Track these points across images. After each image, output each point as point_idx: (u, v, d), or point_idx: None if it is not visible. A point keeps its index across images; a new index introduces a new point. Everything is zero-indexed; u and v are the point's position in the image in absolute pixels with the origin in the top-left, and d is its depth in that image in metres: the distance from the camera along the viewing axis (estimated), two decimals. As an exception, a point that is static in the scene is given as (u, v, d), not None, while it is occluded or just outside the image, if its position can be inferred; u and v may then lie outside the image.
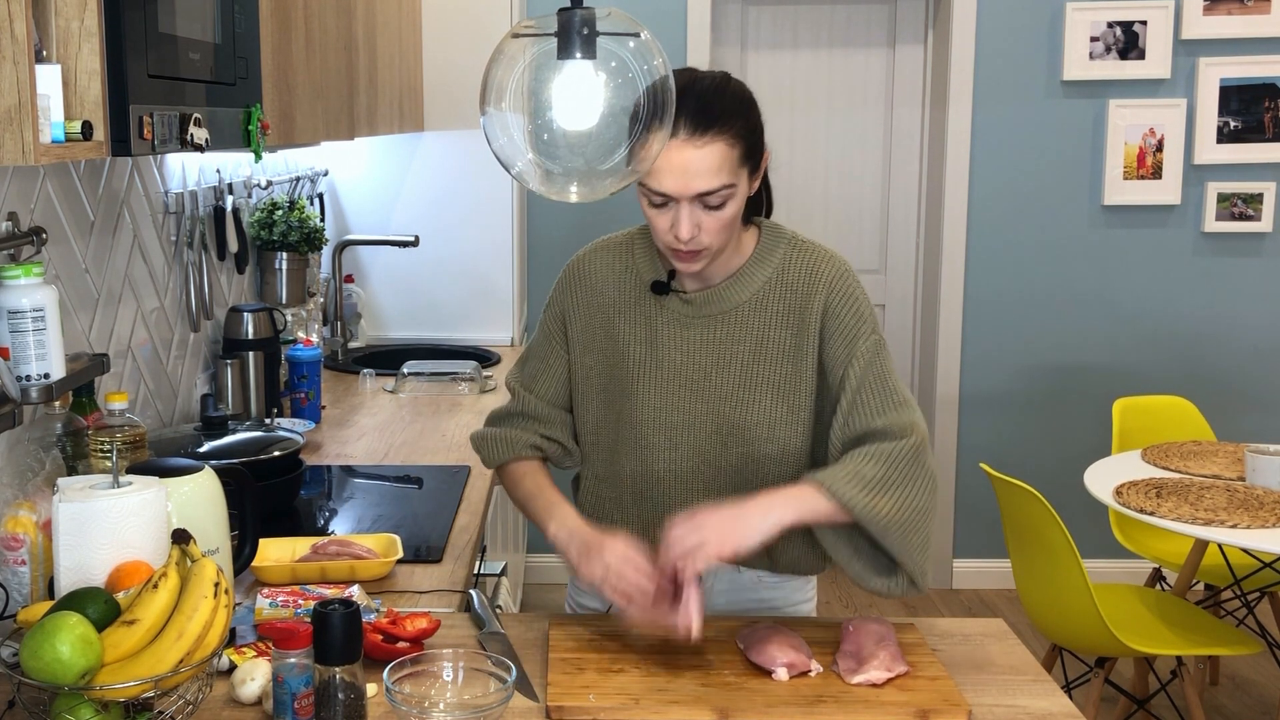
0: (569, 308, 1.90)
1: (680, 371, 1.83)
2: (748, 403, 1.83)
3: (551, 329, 1.92)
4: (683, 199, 1.69)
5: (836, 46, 4.67)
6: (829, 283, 1.82)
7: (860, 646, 1.68)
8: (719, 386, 1.83)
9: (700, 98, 1.69)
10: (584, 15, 1.63)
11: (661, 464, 1.86)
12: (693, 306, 1.84)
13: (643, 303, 1.86)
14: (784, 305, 1.83)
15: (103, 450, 1.86)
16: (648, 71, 1.66)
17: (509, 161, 1.71)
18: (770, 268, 1.84)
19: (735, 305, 1.83)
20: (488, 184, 3.95)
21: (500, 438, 1.93)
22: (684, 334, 1.84)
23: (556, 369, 1.92)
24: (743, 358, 1.83)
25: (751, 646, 1.69)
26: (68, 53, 1.52)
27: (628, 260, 1.88)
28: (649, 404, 1.84)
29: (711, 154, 1.68)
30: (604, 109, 1.66)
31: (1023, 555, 3.19)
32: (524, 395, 1.93)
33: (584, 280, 1.89)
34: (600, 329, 1.87)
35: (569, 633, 1.76)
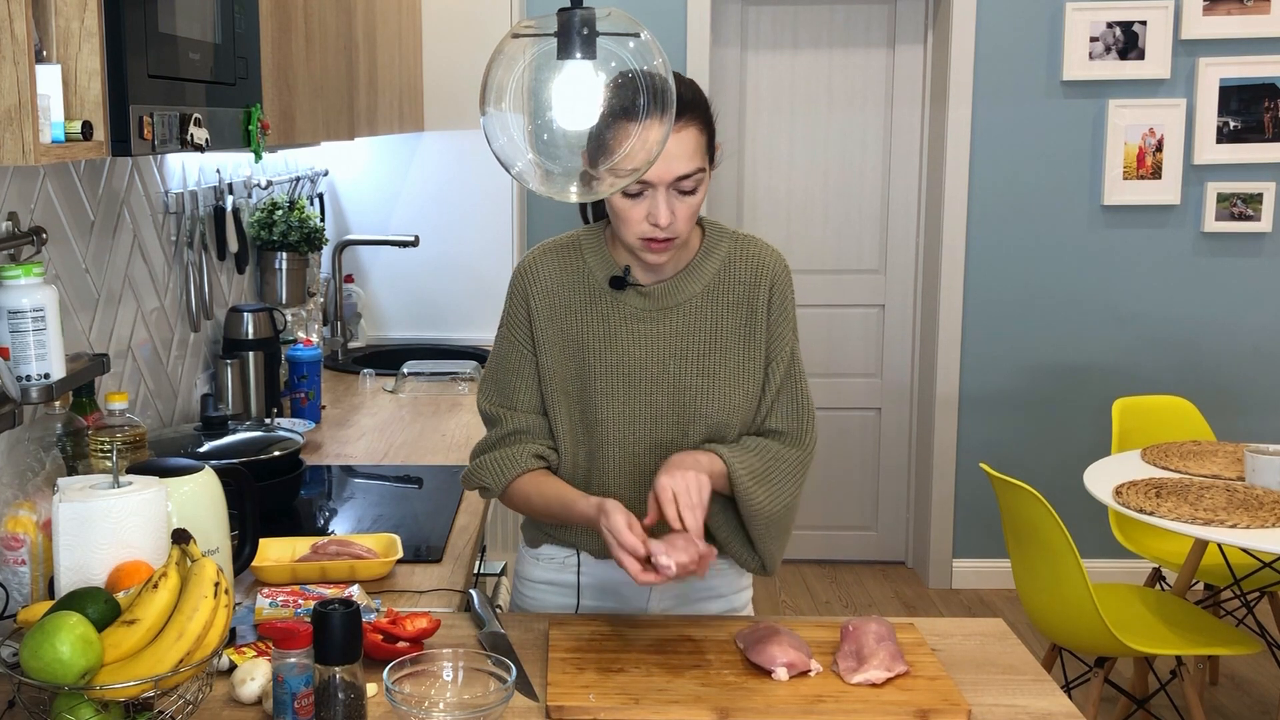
0: (531, 308, 1.90)
1: (640, 365, 1.87)
2: (706, 390, 1.87)
3: (516, 337, 1.91)
4: (661, 185, 1.74)
5: (836, 46, 4.67)
6: (773, 275, 1.91)
7: (860, 646, 1.68)
8: (677, 377, 1.87)
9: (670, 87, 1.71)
10: (584, 15, 1.63)
11: (626, 460, 1.89)
12: (650, 299, 1.87)
13: (598, 302, 1.88)
14: (734, 295, 1.89)
15: (103, 450, 1.86)
16: (648, 72, 1.66)
17: (509, 161, 1.71)
18: (717, 259, 1.90)
19: (689, 297, 1.88)
20: (488, 184, 3.95)
21: (499, 460, 1.90)
22: (641, 328, 1.87)
23: (530, 377, 1.91)
24: (699, 348, 1.87)
25: (751, 646, 1.69)
26: (68, 53, 1.52)
27: (577, 261, 1.90)
28: (611, 401, 1.87)
29: (687, 138, 1.75)
30: (604, 109, 1.66)
31: (1023, 555, 3.19)
32: (508, 415, 1.91)
33: (537, 283, 1.90)
34: (559, 329, 1.89)
35: (569, 632, 1.76)
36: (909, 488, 4.93)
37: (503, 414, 1.91)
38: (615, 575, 1.92)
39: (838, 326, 4.80)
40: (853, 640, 1.70)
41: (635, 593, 1.96)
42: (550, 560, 2.00)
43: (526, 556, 2.04)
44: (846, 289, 4.78)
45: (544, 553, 2.00)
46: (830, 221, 4.73)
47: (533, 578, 2.02)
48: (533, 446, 1.90)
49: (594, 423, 1.88)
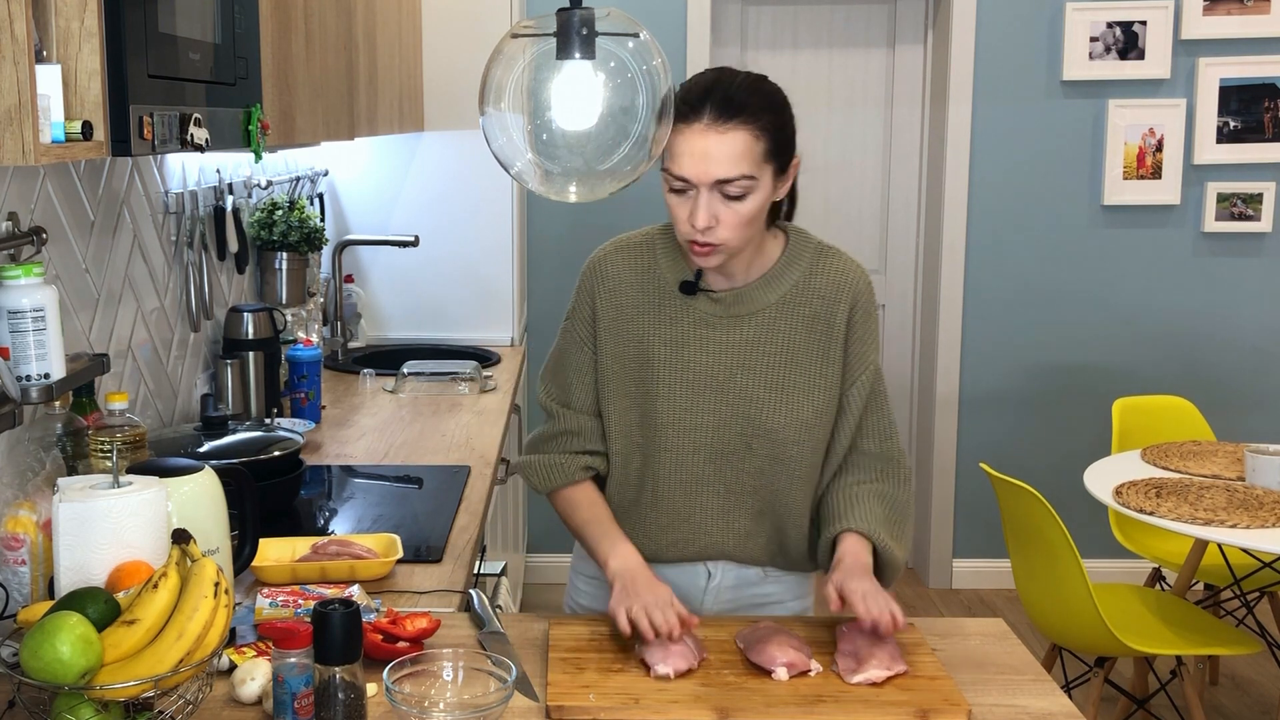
0: (597, 307, 1.88)
1: (706, 372, 1.83)
2: (775, 405, 1.83)
3: (579, 333, 1.90)
4: (702, 185, 1.70)
5: (836, 46, 4.67)
6: (855, 292, 1.86)
7: (859, 646, 1.68)
8: (745, 389, 1.83)
9: (728, 89, 1.72)
10: (583, 15, 1.63)
11: (684, 467, 1.86)
12: (721, 306, 1.83)
13: (667, 303, 1.85)
14: (811, 309, 1.84)
15: (103, 450, 1.86)
16: (647, 72, 1.66)
17: (509, 161, 1.72)
18: (798, 271, 1.85)
19: (763, 306, 1.83)
20: (488, 184, 3.95)
21: (549, 465, 1.91)
22: (710, 334, 1.83)
23: (589, 377, 1.90)
24: (770, 360, 1.83)
25: (751, 646, 1.69)
26: (68, 53, 1.52)
27: (649, 260, 1.87)
28: (673, 406, 1.84)
29: (734, 141, 1.69)
30: (603, 109, 1.67)
31: (1023, 555, 3.19)
32: (563, 413, 1.91)
33: (606, 280, 1.88)
34: (623, 329, 1.86)
35: (569, 632, 1.76)
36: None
37: (558, 411, 1.91)
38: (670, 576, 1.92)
39: (838, 326, 4.80)
40: (852, 640, 1.70)
41: (689, 592, 1.94)
42: None
43: (581, 553, 2.03)
44: (846, 289, 4.78)
45: None
46: (830, 221, 4.72)
47: (585, 573, 2.03)
48: (582, 458, 1.90)
49: (654, 427, 1.85)
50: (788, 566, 1.96)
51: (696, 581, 1.95)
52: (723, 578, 1.95)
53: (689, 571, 1.94)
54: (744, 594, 1.96)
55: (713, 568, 1.95)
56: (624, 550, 1.80)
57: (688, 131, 1.70)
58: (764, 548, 1.92)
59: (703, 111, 1.69)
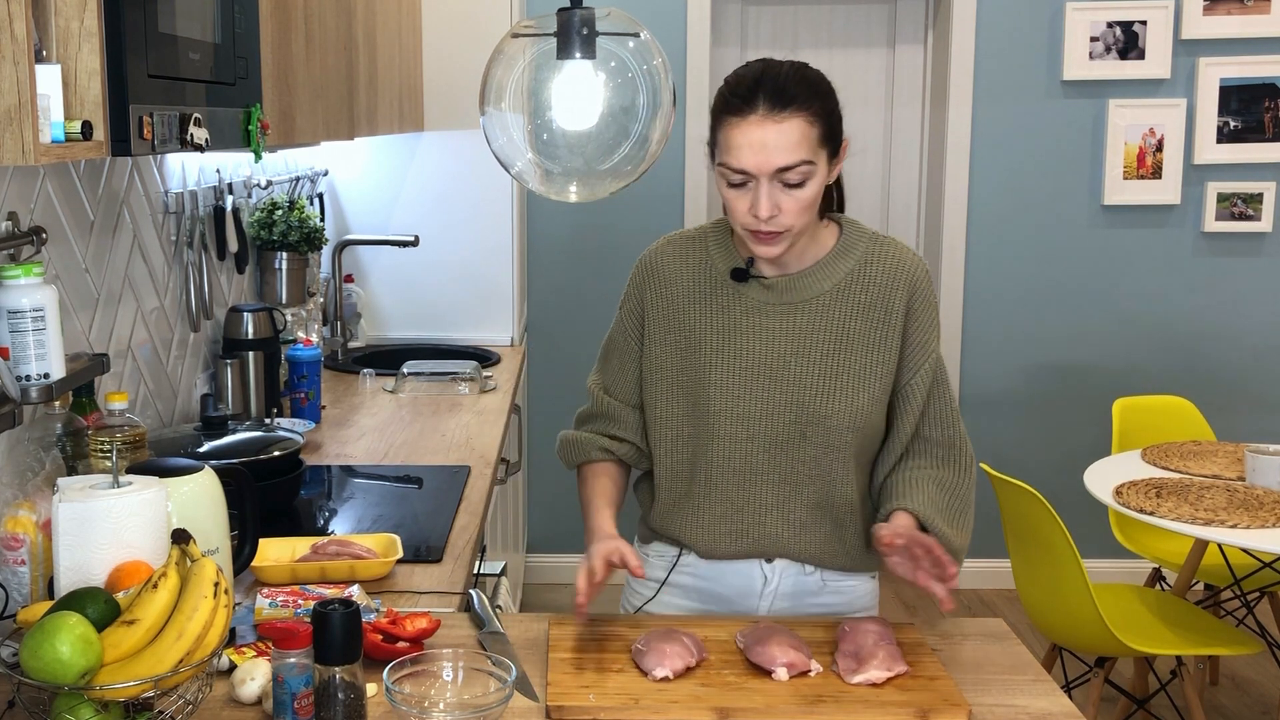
0: (646, 300, 1.91)
1: (759, 360, 1.84)
2: (830, 392, 1.84)
3: (627, 325, 1.95)
4: (762, 176, 1.71)
5: (836, 46, 4.67)
6: (912, 280, 1.87)
7: (859, 646, 1.68)
8: (799, 376, 1.84)
9: (777, 79, 1.73)
10: (583, 15, 1.63)
11: (737, 456, 1.87)
12: (773, 293, 1.85)
13: (719, 293, 1.87)
14: (867, 297, 1.85)
15: (103, 450, 1.86)
16: (647, 72, 1.66)
17: (509, 161, 1.72)
18: (853, 260, 1.86)
19: (816, 294, 1.85)
20: (488, 184, 3.95)
21: (574, 442, 1.99)
22: (763, 322, 1.85)
23: (631, 367, 1.95)
24: (824, 347, 1.84)
25: (751, 646, 1.69)
26: (68, 53, 1.52)
27: (701, 253, 1.89)
28: (726, 394, 1.85)
29: (790, 130, 1.70)
30: (603, 109, 1.67)
31: (1023, 555, 3.19)
32: (601, 398, 1.98)
33: (657, 273, 1.90)
34: (674, 320, 1.88)
35: (569, 632, 1.76)
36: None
37: (598, 395, 1.99)
38: (723, 576, 1.94)
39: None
40: (852, 640, 1.70)
41: (744, 595, 1.94)
42: (659, 558, 2.00)
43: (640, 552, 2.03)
44: (846, 289, 4.78)
45: (653, 549, 2.01)
46: (830, 221, 4.72)
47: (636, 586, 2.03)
48: (603, 439, 1.96)
49: (706, 415, 1.86)
50: (847, 565, 1.94)
51: (753, 585, 1.94)
52: (780, 581, 1.93)
53: (745, 572, 1.93)
54: (802, 602, 1.94)
55: (769, 570, 1.93)
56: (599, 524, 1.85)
57: (743, 124, 1.71)
58: (822, 542, 1.91)
59: (756, 103, 1.71)
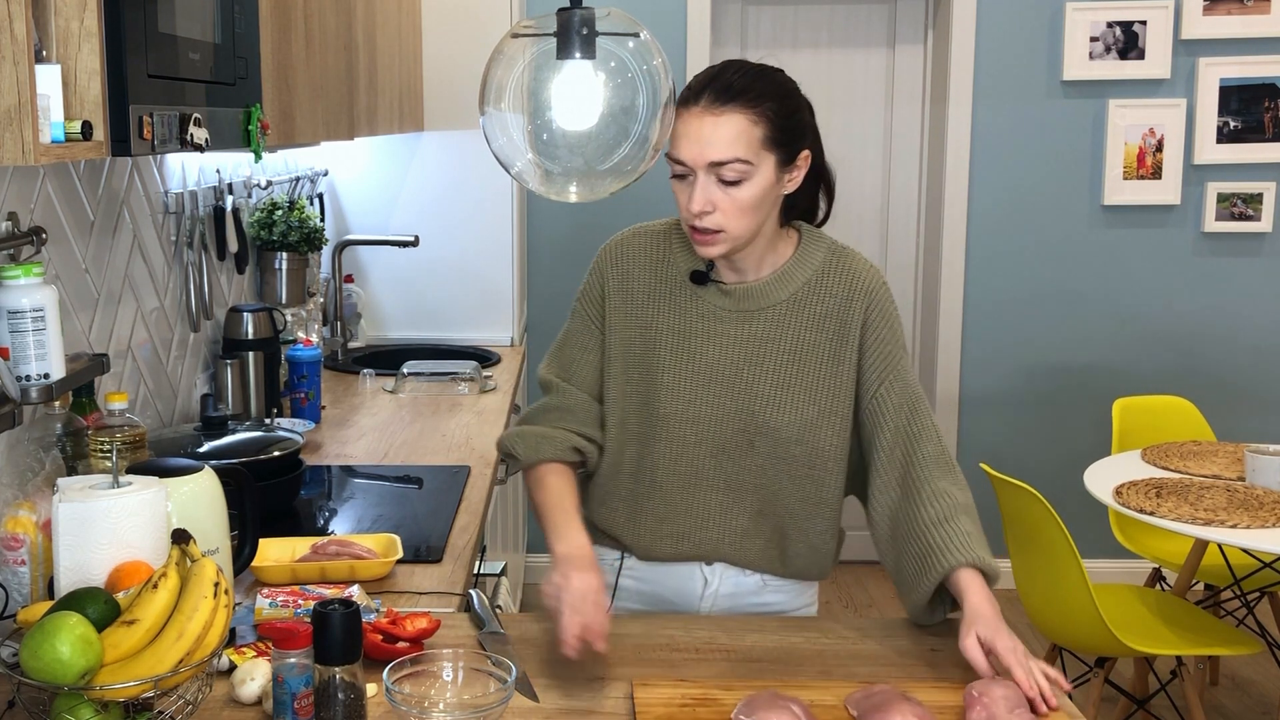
0: (607, 289, 1.87)
1: (712, 365, 1.82)
2: (780, 403, 1.82)
3: (589, 312, 1.89)
4: (698, 168, 1.70)
5: (836, 46, 4.67)
6: (868, 292, 1.84)
7: (992, 715, 1.51)
8: (750, 384, 1.82)
9: (728, 75, 1.73)
10: (583, 15, 1.63)
11: (683, 459, 1.85)
12: (731, 299, 1.83)
13: (678, 293, 1.84)
14: (823, 308, 1.83)
15: (103, 450, 1.86)
16: (647, 72, 1.66)
17: (509, 161, 1.72)
18: (810, 269, 1.84)
19: (773, 303, 1.83)
20: (488, 184, 3.95)
21: (541, 435, 1.86)
22: (718, 328, 1.83)
23: (594, 355, 1.89)
24: (778, 357, 1.82)
25: (867, 715, 1.52)
26: (68, 53, 1.52)
27: (664, 249, 1.87)
28: (676, 397, 1.83)
29: (727, 124, 1.69)
30: (603, 109, 1.67)
31: (1023, 555, 3.19)
32: (562, 387, 1.89)
33: (620, 263, 1.88)
34: (632, 314, 1.86)
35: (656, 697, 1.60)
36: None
37: (558, 385, 1.89)
38: (663, 579, 1.92)
39: (838, 326, 4.80)
40: (982, 707, 1.52)
41: (685, 597, 1.93)
42: (599, 561, 1.93)
43: None
44: (846, 289, 4.77)
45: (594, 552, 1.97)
46: (830, 221, 4.71)
47: None
48: (574, 438, 1.86)
49: (655, 417, 1.84)
50: (786, 573, 1.93)
51: (693, 586, 1.94)
52: (720, 584, 1.93)
53: (685, 574, 1.93)
54: (741, 602, 1.94)
55: (709, 572, 1.93)
56: (574, 536, 1.75)
57: (685, 115, 1.71)
58: (761, 551, 1.90)
59: (701, 96, 1.71)
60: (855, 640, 1.80)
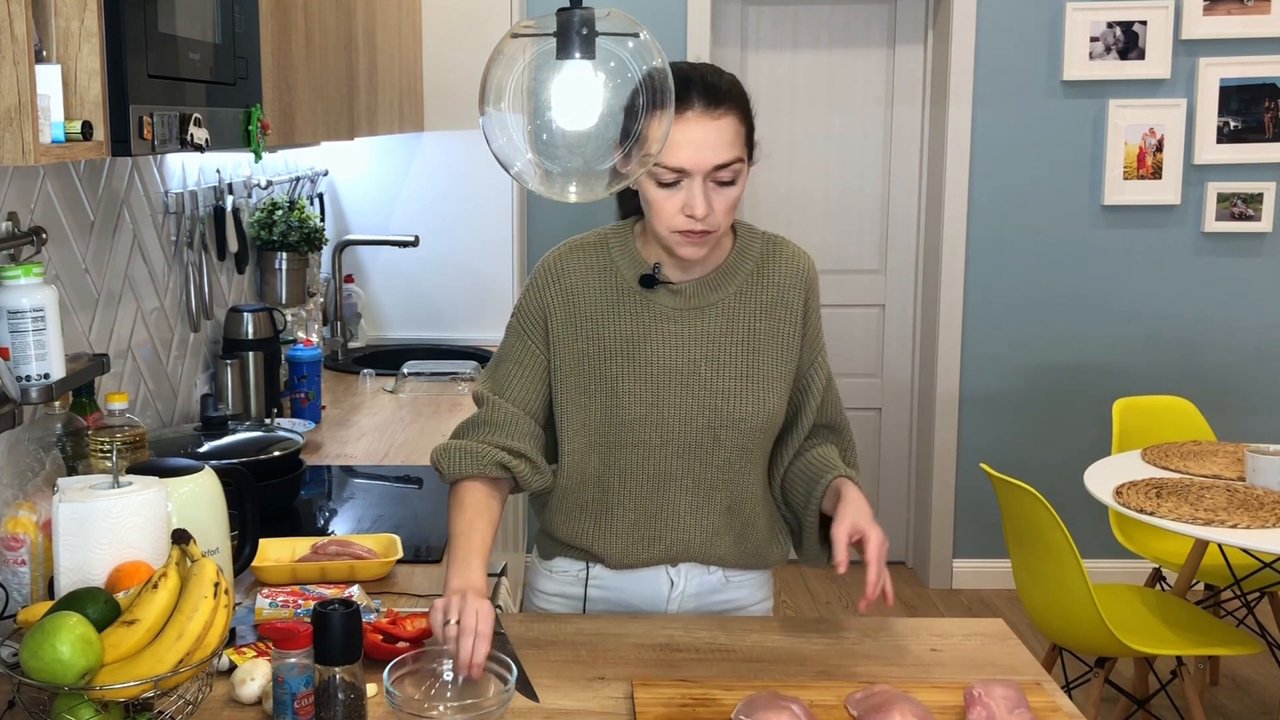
0: (549, 307, 1.85)
1: (669, 365, 1.83)
2: (741, 394, 1.84)
3: (527, 330, 1.86)
4: (698, 173, 1.72)
5: (836, 46, 4.67)
6: (806, 278, 1.90)
7: (992, 714, 1.51)
8: (710, 379, 1.83)
9: (706, 78, 1.75)
10: (583, 15, 1.63)
11: (650, 462, 1.85)
12: (682, 298, 1.84)
13: (625, 300, 1.84)
14: (767, 296, 1.87)
15: (103, 450, 1.86)
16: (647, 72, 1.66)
17: (508, 161, 1.71)
18: (750, 261, 1.88)
19: (722, 297, 1.85)
20: (488, 184, 3.95)
21: (465, 450, 1.80)
22: (671, 328, 1.83)
23: (532, 372, 1.85)
24: (733, 350, 1.84)
25: (868, 715, 1.52)
26: (68, 53, 1.52)
27: (604, 260, 1.86)
28: (638, 401, 1.83)
29: (726, 127, 1.73)
30: (603, 109, 1.66)
31: (1023, 555, 3.19)
32: (494, 401, 1.84)
33: (560, 279, 1.85)
34: (581, 328, 1.84)
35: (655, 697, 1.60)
36: (909, 488, 4.93)
37: (489, 399, 1.86)
38: (630, 586, 1.92)
39: (838, 326, 4.80)
40: (983, 707, 1.52)
41: (652, 602, 1.93)
42: (563, 574, 1.96)
43: (539, 568, 2.00)
44: (846, 289, 4.78)
45: (556, 565, 1.96)
46: (830, 221, 4.72)
47: (545, 590, 1.99)
48: (500, 454, 1.80)
49: (618, 424, 1.83)
50: (749, 564, 1.95)
51: (659, 590, 1.93)
52: (686, 585, 1.93)
53: (652, 580, 1.93)
54: (706, 601, 1.95)
55: (675, 574, 1.92)
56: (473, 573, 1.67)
57: (680, 122, 1.71)
58: (730, 545, 1.91)
59: (691, 101, 1.71)
60: (855, 640, 1.80)
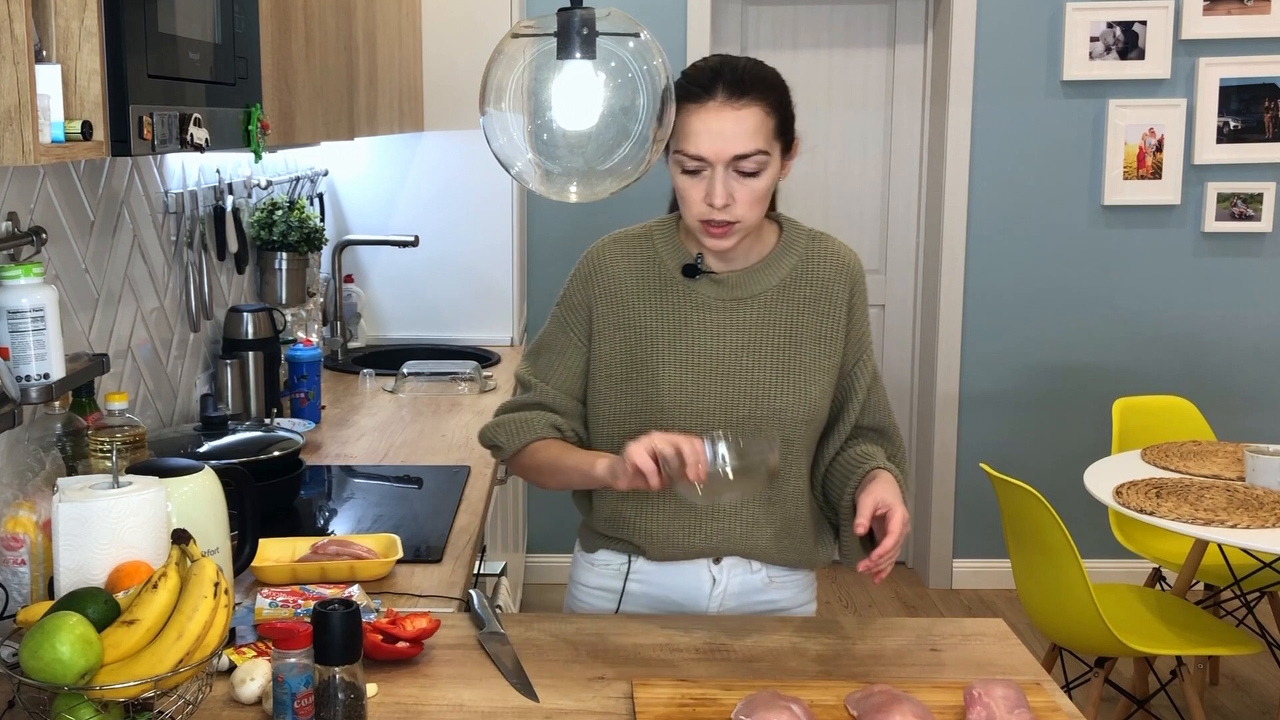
0: (593, 297, 1.89)
1: (711, 355, 1.84)
2: (783, 386, 1.85)
3: (569, 320, 1.91)
4: (718, 163, 1.73)
5: (836, 46, 4.67)
6: (852, 276, 1.91)
7: (992, 714, 1.51)
8: (751, 370, 1.84)
9: (736, 70, 1.76)
10: (584, 15, 1.63)
11: None
12: (724, 288, 1.85)
13: (667, 290, 1.86)
14: (811, 291, 1.88)
15: (103, 450, 1.86)
16: (648, 72, 1.66)
17: (509, 161, 1.72)
18: (795, 256, 1.88)
19: (765, 289, 1.86)
20: (488, 184, 3.95)
21: (519, 421, 1.90)
22: (713, 318, 1.85)
23: (572, 361, 1.91)
24: (775, 342, 1.85)
25: (868, 714, 1.52)
26: (68, 53, 1.52)
27: (648, 250, 1.89)
28: (679, 390, 1.84)
29: (748, 117, 1.73)
30: (603, 109, 1.67)
31: (1023, 555, 3.19)
32: (539, 386, 1.92)
33: (603, 270, 1.89)
34: (623, 318, 1.87)
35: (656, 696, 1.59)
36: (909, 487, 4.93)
37: (535, 384, 1.93)
38: (671, 580, 1.93)
39: (838, 326, 4.80)
40: (982, 707, 1.52)
41: (693, 598, 1.93)
42: (605, 566, 1.97)
43: (581, 561, 2.02)
44: (846, 289, 4.77)
45: (599, 558, 1.98)
46: (830, 221, 4.72)
47: (586, 583, 2.01)
48: (553, 417, 1.90)
49: (658, 411, 1.85)
50: (793, 561, 1.95)
51: (701, 586, 1.94)
52: (728, 582, 1.93)
53: (693, 574, 1.93)
54: (749, 601, 1.95)
55: (717, 572, 1.93)
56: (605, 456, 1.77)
57: (701, 111, 1.73)
58: (771, 539, 1.91)
59: (714, 91, 1.73)
60: (855, 640, 1.80)
